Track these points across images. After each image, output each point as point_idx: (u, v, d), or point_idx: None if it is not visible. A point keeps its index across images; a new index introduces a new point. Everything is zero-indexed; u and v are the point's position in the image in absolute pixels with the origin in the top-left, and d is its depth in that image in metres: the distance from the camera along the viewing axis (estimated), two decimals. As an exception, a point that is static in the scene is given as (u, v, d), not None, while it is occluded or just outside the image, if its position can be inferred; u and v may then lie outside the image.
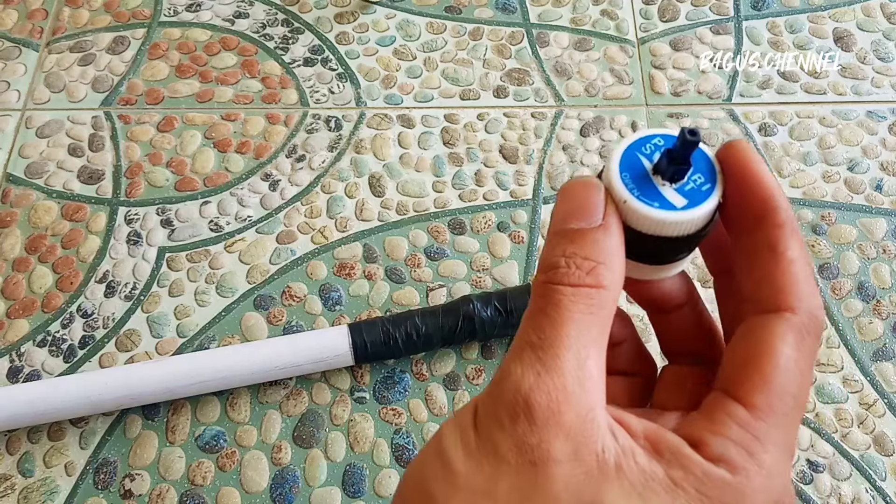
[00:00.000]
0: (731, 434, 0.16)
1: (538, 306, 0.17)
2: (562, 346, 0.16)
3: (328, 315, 0.45)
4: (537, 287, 0.17)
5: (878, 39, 0.55)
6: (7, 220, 0.48)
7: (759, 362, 0.16)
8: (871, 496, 0.40)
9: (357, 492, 0.41)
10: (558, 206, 0.18)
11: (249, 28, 0.56)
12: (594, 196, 0.18)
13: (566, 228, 0.18)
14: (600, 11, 0.56)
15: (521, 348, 0.16)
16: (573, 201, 0.18)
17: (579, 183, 0.18)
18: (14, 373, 0.44)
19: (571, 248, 0.17)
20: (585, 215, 0.18)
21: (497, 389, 0.16)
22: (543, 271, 0.17)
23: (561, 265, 0.17)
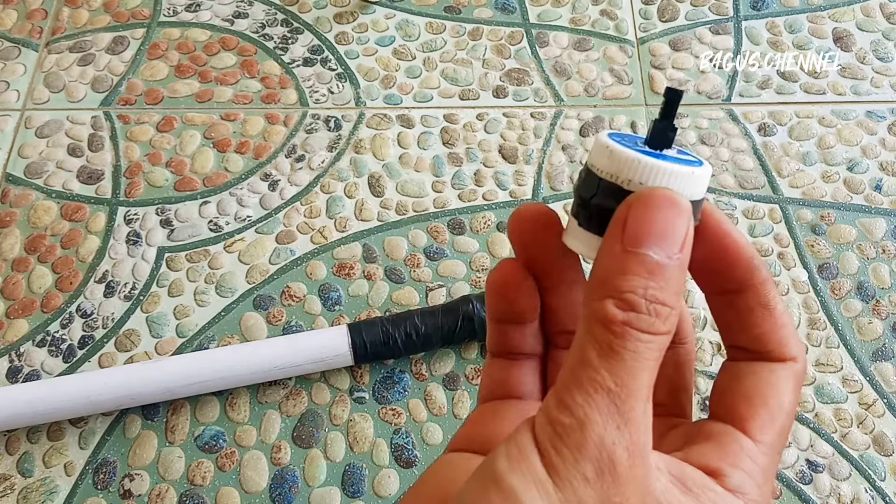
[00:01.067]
0: (745, 466, 0.17)
1: (614, 347, 0.16)
2: (638, 398, 0.16)
3: (328, 315, 0.45)
4: (614, 325, 0.16)
5: (878, 39, 0.55)
6: (7, 220, 0.48)
7: (769, 403, 0.18)
8: (871, 496, 0.40)
9: (356, 492, 0.41)
10: (637, 217, 0.17)
11: (249, 28, 0.56)
12: (683, 224, 0.17)
13: (647, 257, 0.16)
14: (600, 11, 0.56)
15: (597, 392, 0.16)
16: (659, 221, 0.16)
17: (666, 198, 0.17)
18: (13, 373, 0.44)
19: (652, 287, 0.16)
20: (669, 245, 0.16)
21: (576, 437, 0.15)
22: (621, 307, 0.16)
23: (643, 309, 0.16)
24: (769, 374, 0.19)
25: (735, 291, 0.19)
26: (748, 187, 0.49)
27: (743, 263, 0.19)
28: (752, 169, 0.50)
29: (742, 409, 0.18)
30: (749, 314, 0.19)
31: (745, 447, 0.18)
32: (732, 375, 0.19)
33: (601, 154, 0.17)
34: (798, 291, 0.46)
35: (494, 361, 0.22)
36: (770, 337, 0.19)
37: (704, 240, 0.19)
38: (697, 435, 0.19)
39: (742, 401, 0.18)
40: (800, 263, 0.47)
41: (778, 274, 0.47)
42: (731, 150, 0.51)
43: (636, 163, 0.17)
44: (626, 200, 0.17)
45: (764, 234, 0.48)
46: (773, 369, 0.19)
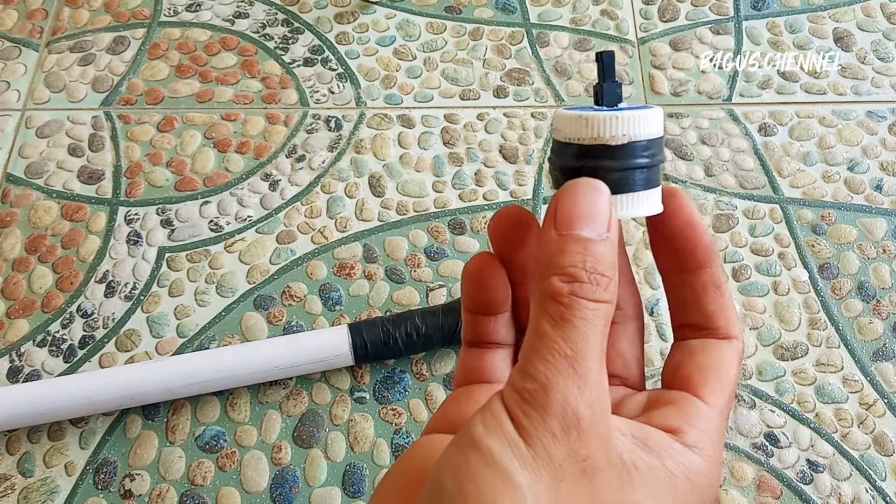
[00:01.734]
0: (701, 425, 0.20)
1: (564, 317, 0.18)
2: (592, 360, 0.17)
3: (328, 315, 0.45)
4: (562, 297, 0.18)
5: (878, 39, 0.55)
6: (7, 220, 0.48)
7: (719, 373, 0.21)
8: (871, 496, 0.40)
9: (357, 492, 0.41)
10: (565, 204, 0.19)
11: (249, 28, 0.56)
12: (605, 205, 0.19)
13: (580, 235, 0.18)
14: (600, 11, 0.56)
15: (555, 358, 0.17)
16: (583, 205, 0.19)
17: (587, 185, 0.19)
18: (14, 373, 0.44)
19: (591, 261, 0.18)
20: (596, 224, 0.18)
21: (541, 399, 0.17)
22: (565, 280, 0.18)
23: (584, 279, 0.18)
24: (717, 349, 0.21)
25: (692, 271, 0.22)
26: (749, 187, 0.49)
27: (703, 246, 0.21)
28: (753, 169, 0.50)
29: (696, 378, 0.21)
30: (703, 292, 0.22)
31: (700, 409, 0.20)
32: (685, 352, 0.22)
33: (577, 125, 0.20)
34: (799, 291, 0.46)
35: (469, 351, 0.24)
36: (720, 314, 0.21)
37: (672, 222, 0.21)
38: (656, 401, 0.21)
39: (695, 371, 0.21)
40: (800, 263, 0.47)
41: (778, 274, 0.47)
42: (731, 150, 0.51)
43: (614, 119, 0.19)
44: (555, 193, 0.19)
45: (764, 234, 0.48)
46: (721, 346, 0.21)
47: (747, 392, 0.43)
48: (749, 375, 0.44)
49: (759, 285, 0.46)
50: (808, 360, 0.44)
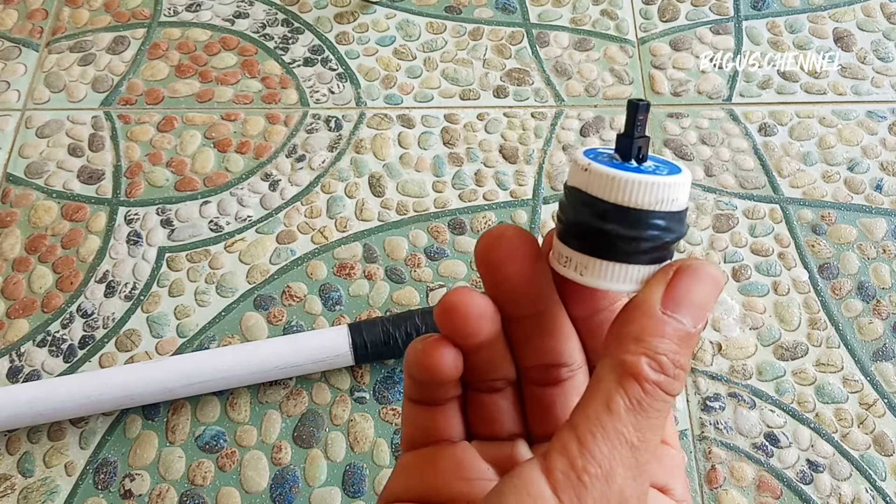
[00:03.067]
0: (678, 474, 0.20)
1: (643, 405, 0.17)
2: (654, 452, 0.17)
3: (328, 315, 0.45)
4: (646, 383, 0.17)
5: (878, 39, 0.55)
6: (7, 220, 0.48)
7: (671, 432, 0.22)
8: (871, 496, 0.40)
9: (357, 492, 0.41)
10: (683, 285, 0.18)
11: (249, 28, 0.56)
12: (713, 300, 0.18)
13: (682, 325, 0.17)
14: (600, 11, 0.56)
15: (620, 443, 0.16)
16: (700, 293, 0.18)
17: (714, 275, 0.18)
18: (14, 373, 0.44)
19: (680, 354, 0.17)
20: (700, 318, 0.18)
21: (601, 488, 0.16)
22: (654, 368, 0.17)
23: (670, 373, 0.17)
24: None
25: None
26: (749, 187, 0.49)
27: None
28: (753, 169, 0.50)
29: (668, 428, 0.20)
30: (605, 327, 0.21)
31: (675, 458, 0.20)
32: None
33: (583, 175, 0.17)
34: (798, 291, 0.46)
35: (414, 407, 0.22)
36: None
37: None
38: None
39: None
40: (800, 263, 0.47)
41: (778, 274, 0.47)
42: (731, 150, 0.51)
43: (626, 181, 0.17)
44: (672, 265, 0.18)
45: (764, 234, 0.48)
46: None
47: (747, 392, 0.43)
48: (749, 375, 0.44)
49: (759, 285, 0.46)
50: (808, 360, 0.44)
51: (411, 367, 0.21)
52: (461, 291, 0.20)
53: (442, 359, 0.20)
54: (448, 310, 0.20)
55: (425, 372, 0.21)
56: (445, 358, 0.20)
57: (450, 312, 0.20)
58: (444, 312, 0.20)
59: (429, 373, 0.20)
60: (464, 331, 0.20)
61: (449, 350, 0.20)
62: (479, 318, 0.20)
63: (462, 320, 0.20)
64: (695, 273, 0.18)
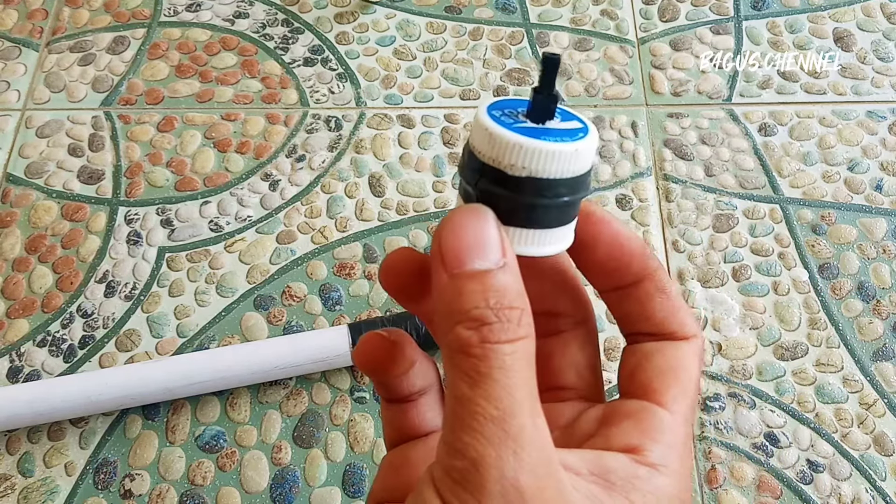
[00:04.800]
0: (665, 439, 0.18)
1: (481, 371, 0.15)
2: (524, 413, 0.15)
3: (328, 315, 0.45)
4: (473, 348, 0.15)
5: (878, 39, 0.55)
6: (7, 220, 0.48)
7: (679, 376, 0.19)
8: (871, 496, 0.40)
9: (357, 492, 0.41)
10: (447, 241, 0.16)
11: (249, 28, 0.56)
12: (488, 228, 0.16)
13: (472, 271, 0.16)
14: (600, 11, 0.56)
15: (481, 424, 0.15)
16: (468, 235, 0.16)
17: (465, 212, 0.17)
18: (14, 373, 0.44)
19: (494, 296, 0.16)
20: (489, 253, 0.16)
21: (475, 479, 0.15)
22: (471, 327, 0.15)
23: (492, 319, 0.15)
24: (675, 350, 0.19)
25: (632, 284, 0.20)
26: (749, 187, 0.49)
27: (637, 258, 0.19)
28: (753, 169, 0.50)
29: (655, 384, 0.19)
30: (649, 302, 0.20)
31: (663, 420, 0.18)
32: (641, 355, 0.19)
33: (482, 136, 0.17)
34: (798, 291, 0.46)
35: (389, 406, 0.21)
36: (671, 320, 0.19)
37: (598, 244, 0.19)
38: (613, 415, 0.19)
39: (654, 376, 0.19)
40: (800, 263, 0.47)
41: (778, 274, 0.47)
42: (731, 150, 0.51)
43: (517, 146, 0.16)
44: (435, 231, 0.17)
45: (764, 234, 0.48)
46: (678, 346, 0.19)
47: (747, 392, 0.43)
48: (749, 375, 0.44)
49: (759, 285, 0.46)
50: (808, 360, 0.44)
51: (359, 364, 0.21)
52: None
53: (387, 355, 0.20)
54: (365, 361, 0.20)
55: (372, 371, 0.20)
56: (391, 354, 0.20)
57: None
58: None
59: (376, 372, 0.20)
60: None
61: (393, 346, 0.20)
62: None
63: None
64: (451, 221, 0.17)
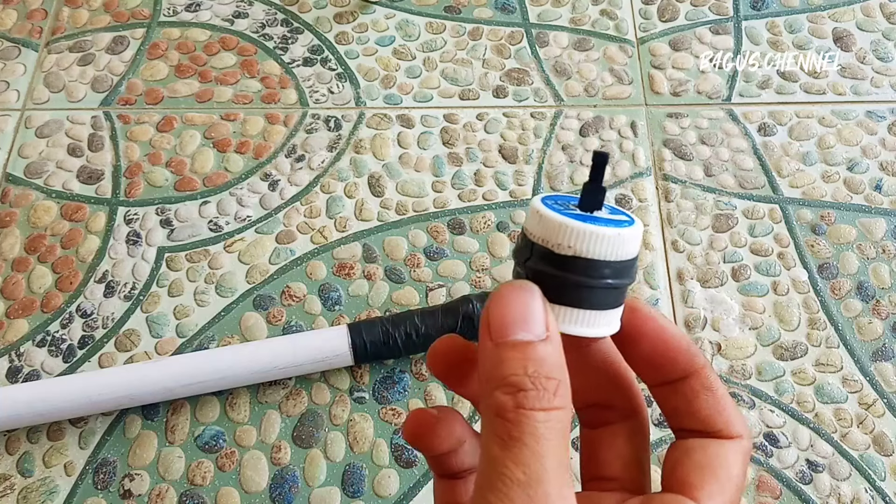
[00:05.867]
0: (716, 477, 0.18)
1: (513, 435, 0.16)
2: (550, 482, 0.16)
3: (328, 315, 0.45)
4: (507, 412, 0.16)
5: (878, 39, 0.55)
6: (6, 219, 0.48)
7: (718, 474, 0.19)
8: (871, 496, 0.40)
9: (357, 492, 0.41)
10: (495, 313, 0.17)
11: (249, 28, 0.56)
12: (534, 303, 0.17)
13: (515, 341, 0.17)
14: (600, 11, 0.56)
15: (508, 487, 0.15)
16: (514, 308, 0.17)
17: (514, 287, 0.18)
18: (13, 373, 0.44)
19: (532, 365, 0.16)
20: (532, 326, 0.17)
21: None
22: (508, 392, 0.16)
23: (528, 387, 0.16)
24: (717, 448, 0.20)
25: (678, 380, 0.20)
26: (748, 187, 0.49)
27: (682, 354, 0.20)
28: (752, 169, 0.50)
29: (693, 479, 0.19)
30: (695, 399, 0.20)
31: None
32: (683, 451, 0.20)
33: (533, 219, 0.18)
34: (798, 291, 0.46)
35: (441, 482, 0.22)
36: (717, 418, 0.20)
37: (643, 339, 0.20)
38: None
39: (692, 471, 0.19)
40: (800, 263, 0.47)
41: (778, 274, 0.47)
42: (731, 150, 0.51)
43: (564, 227, 0.18)
44: (486, 303, 0.18)
45: (764, 234, 0.48)
46: (722, 444, 0.20)
47: (747, 392, 0.43)
48: (749, 375, 0.44)
49: (759, 285, 0.46)
50: (808, 360, 0.44)
51: (407, 439, 0.21)
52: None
53: (434, 432, 0.21)
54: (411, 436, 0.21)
55: (419, 447, 0.21)
56: (437, 431, 0.21)
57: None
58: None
59: (422, 448, 0.21)
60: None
61: (440, 423, 0.21)
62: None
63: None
64: (499, 294, 0.18)
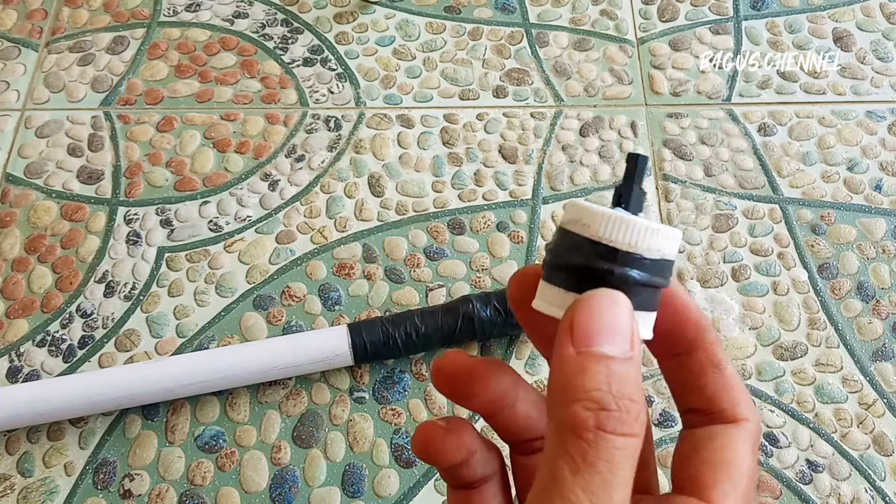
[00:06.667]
0: None
1: (588, 459, 0.15)
2: None
3: (327, 315, 0.45)
4: (586, 431, 0.15)
5: (878, 39, 0.55)
6: (6, 220, 0.48)
7: (728, 469, 0.18)
8: (871, 496, 0.40)
9: (356, 492, 0.41)
10: (584, 318, 0.16)
11: (249, 28, 0.56)
12: (623, 315, 0.16)
13: (601, 353, 0.16)
14: (600, 11, 0.56)
15: None
16: (604, 318, 0.16)
17: (608, 297, 0.17)
18: (13, 373, 0.44)
19: (616, 383, 0.15)
20: (620, 341, 0.16)
21: None
22: (590, 408, 0.15)
23: (612, 407, 0.15)
24: (725, 438, 0.19)
25: (686, 352, 0.19)
26: (748, 187, 0.49)
27: (692, 324, 0.19)
28: (752, 169, 0.50)
29: (704, 477, 0.18)
30: (701, 374, 0.19)
31: None
32: (691, 446, 0.19)
33: (596, 219, 0.17)
34: (798, 291, 0.46)
35: (454, 492, 0.21)
36: (722, 395, 0.19)
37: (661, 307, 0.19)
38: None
39: (703, 469, 0.18)
40: (800, 263, 0.47)
41: (778, 274, 0.47)
42: (731, 150, 0.51)
43: (650, 230, 0.17)
44: (570, 306, 0.17)
45: (764, 234, 0.48)
46: (729, 432, 0.19)
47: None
48: (749, 375, 0.44)
49: (759, 285, 0.46)
50: (808, 360, 0.44)
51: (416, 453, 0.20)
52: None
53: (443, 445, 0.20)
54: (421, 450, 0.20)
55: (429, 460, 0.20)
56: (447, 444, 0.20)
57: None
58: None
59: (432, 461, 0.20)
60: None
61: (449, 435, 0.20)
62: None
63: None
64: (589, 301, 0.17)
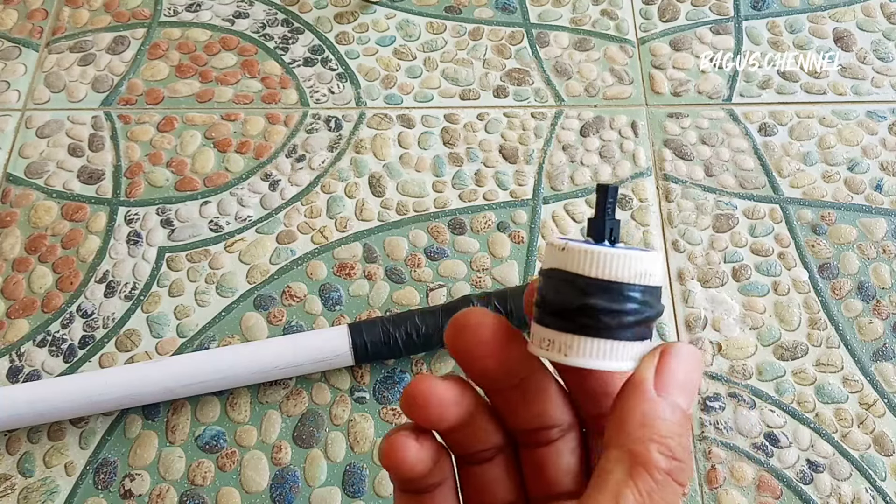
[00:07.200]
0: None
1: (653, 497, 0.16)
2: None
3: (328, 315, 0.45)
4: (657, 473, 0.16)
5: (878, 39, 0.55)
6: (7, 220, 0.48)
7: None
8: (871, 496, 0.40)
9: (357, 492, 0.41)
10: (672, 365, 0.17)
11: (249, 28, 0.56)
12: (699, 375, 0.18)
13: (678, 405, 0.17)
14: (600, 11, 0.56)
15: None
16: (687, 372, 0.17)
17: (694, 351, 0.18)
18: (14, 373, 0.44)
19: (683, 437, 0.17)
20: (690, 397, 0.17)
21: None
22: (665, 453, 0.16)
23: (682, 458, 0.16)
24: None
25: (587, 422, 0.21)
26: (749, 187, 0.49)
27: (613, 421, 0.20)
28: (753, 169, 0.50)
29: None
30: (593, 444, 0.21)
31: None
32: None
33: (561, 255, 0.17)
34: (798, 291, 0.46)
35: (403, 496, 0.22)
36: None
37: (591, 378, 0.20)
38: None
39: None
40: (800, 263, 0.47)
41: (778, 274, 0.47)
42: (731, 150, 0.51)
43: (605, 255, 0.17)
44: (658, 348, 0.17)
45: (764, 234, 0.48)
46: None
47: (747, 392, 0.43)
48: (749, 375, 0.44)
49: (759, 285, 0.46)
50: (808, 360, 0.44)
51: (382, 462, 0.21)
52: (421, 380, 0.20)
53: (405, 455, 0.20)
54: (409, 401, 0.20)
55: (392, 469, 0.20)
56: (408, 454, 0.20)
57: (411, 404, 0.20)
58: (407, 403, 0.20)
59: (395, 470, 0.20)
60: (429, 420, 0.20)
61: (411, 445, 0.20)
62: (441, 407, 0.20)
63: (424, 411, 0.20)
64: (679, 353, 0.17)
